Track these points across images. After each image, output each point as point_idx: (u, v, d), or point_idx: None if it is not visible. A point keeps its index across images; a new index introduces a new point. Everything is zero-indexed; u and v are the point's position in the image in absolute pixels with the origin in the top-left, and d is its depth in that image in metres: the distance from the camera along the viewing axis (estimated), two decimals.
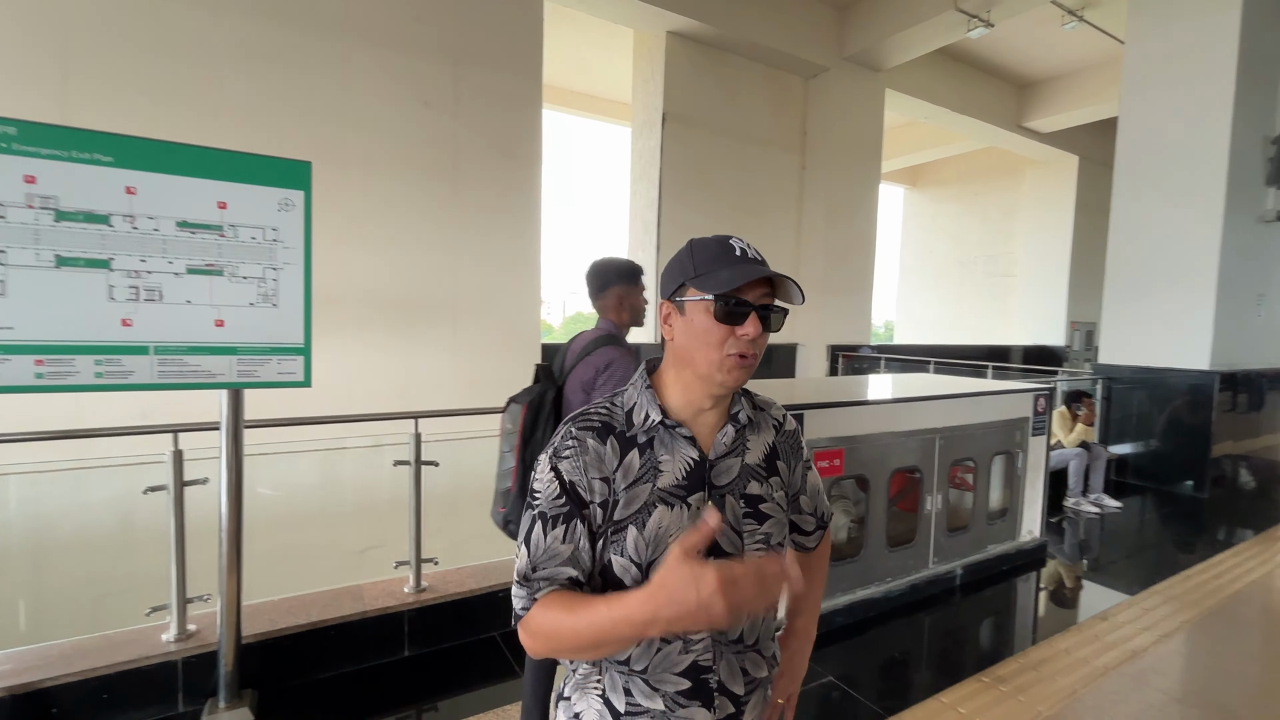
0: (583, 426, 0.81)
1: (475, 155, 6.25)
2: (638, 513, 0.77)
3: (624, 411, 0.83)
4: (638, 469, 0.79)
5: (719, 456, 0.82)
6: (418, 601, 2.43)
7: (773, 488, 0.86)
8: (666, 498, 0.78)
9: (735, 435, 0.85)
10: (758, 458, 0.86)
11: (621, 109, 10.94)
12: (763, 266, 0.79)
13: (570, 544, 0.76)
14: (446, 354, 6.23)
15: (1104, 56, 9.55)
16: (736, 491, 0.82)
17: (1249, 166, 5.08)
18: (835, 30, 8.69)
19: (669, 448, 0.81)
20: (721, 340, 0.77)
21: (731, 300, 0.76)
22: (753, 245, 0.82)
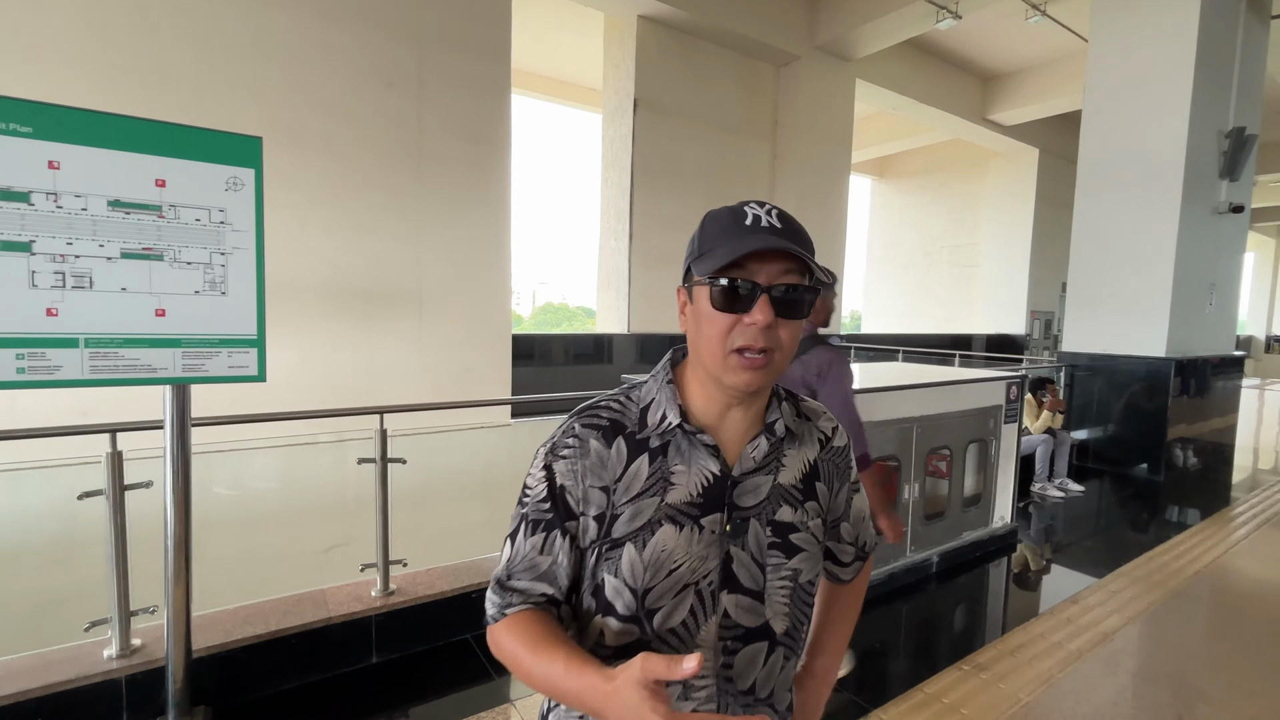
0: (588, 423, 0.69)
1: (441, 139, 6.03)
2: (639, 530, 0.65)
3: (639, 408, 0.70)
4: (645, 479, 0.67)
5: (746, 473, 0.69)
6: (385, 605, 2.31)
7: (808, 514, 0.72)
8: (675, 515, 0.66)
9: (769, 449, 0.70)
10: (793, 477, 0.72)
11: (592, 95, 10.75)
12: (774, 236, 0.62)
13: (548, 556, 0.66)
14: (413, 346, 6.03)
15: (1066, 51, 9.76)
16: (764, 516, 0.69)
17: (1205, 160, 5.23)
18: (806, 18, 8.67)
19: (685, 457, 0.68)
20: (724, 331, 0.62)
21: (730, 281, 0.61)
22: (780, 210, 0.66)
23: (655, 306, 8.36)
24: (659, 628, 0.65)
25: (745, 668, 0.69)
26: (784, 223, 0.64)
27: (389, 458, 2.39)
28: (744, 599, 0.68)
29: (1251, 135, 5.31)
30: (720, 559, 0.67)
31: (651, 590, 0.65)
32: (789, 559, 0.70)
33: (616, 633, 0.66)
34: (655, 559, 0.65)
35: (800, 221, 0.66)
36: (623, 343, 8.27)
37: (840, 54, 8.94)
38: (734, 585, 0.67)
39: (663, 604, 0.65)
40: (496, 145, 6.35)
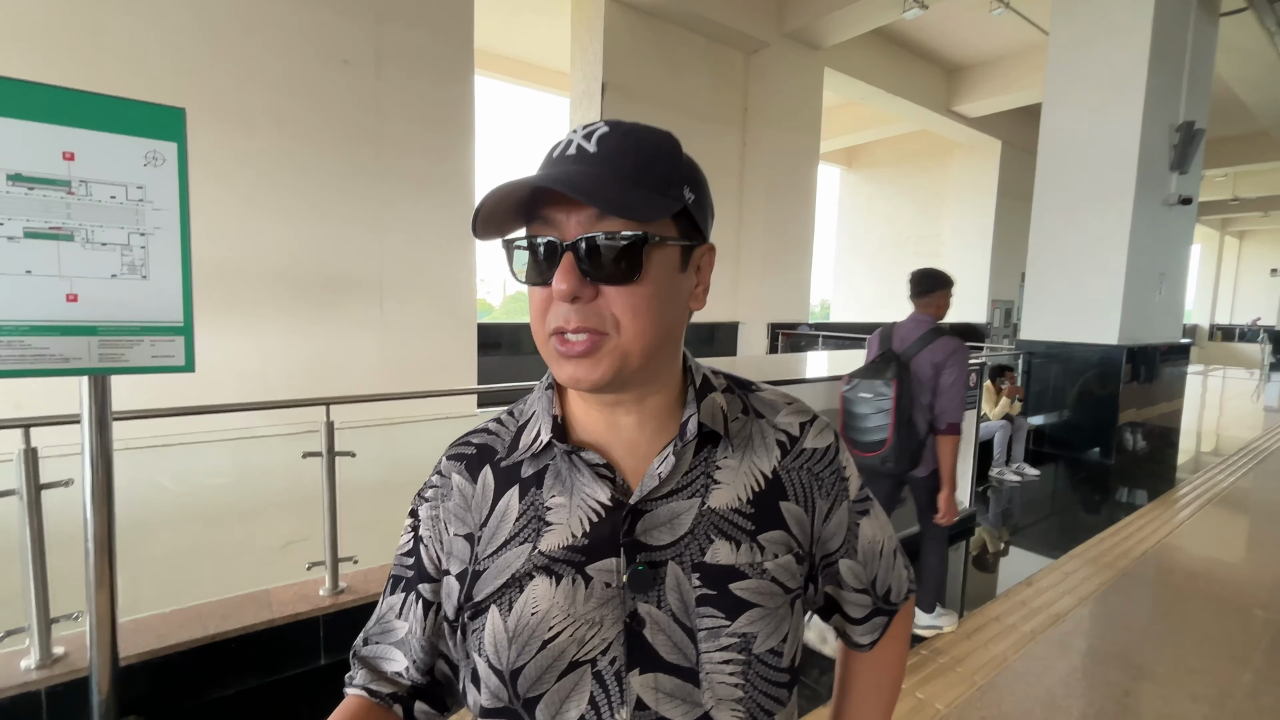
0: (453, 454, 0.55)
1: (401, 120, 5.82)
2: (504, 588, 0.49)
3: (518, 425, 0.55)
4: (514, 520, 0.50)
5: (650, 497, 0.49)
6: (335, 605, 2.22)
7: (762, 553, 0.50)
8: (550, 565, 0.48)
9: (688, 461, 0.51)
10: (735, 499, 0.51)
11: (560, 78, 10.54)
12: (572, 166, 0.44)
13: (405, 622, 0.54)
14: (373, 335, 5.85)
15: (1028, 44, 9.93)
16: (686, 559, 0.49)
17: (1156, 153, 5.38)
18: (775, 6, 8.62)
19: (566, 484, 0.50)
20: (539, 309, 0.47)
21: (516, 242, 0.47)
22: (623, 127, 0.47)
23: None
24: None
25: None
26: (604, 145, 0.45)
27: (337, 451, 2.29)
28: (667, 680, 0.47)
29: (1200, 129, 5.48)
30: (623, 623, 0.48)
31: (522, 671, 0.47)
32: (731, 619, 0.48)
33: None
34: (523, 626, 0.48)
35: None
36: None
37: (809, 42, 8.93)
38: (649, 660, 0.48)
39: (543, 690, 0.47)
40: (460, 127, 6.17)
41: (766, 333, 9.03)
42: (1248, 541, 3.70)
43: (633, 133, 0.46)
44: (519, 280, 0.48)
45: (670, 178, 0.46)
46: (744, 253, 9.22)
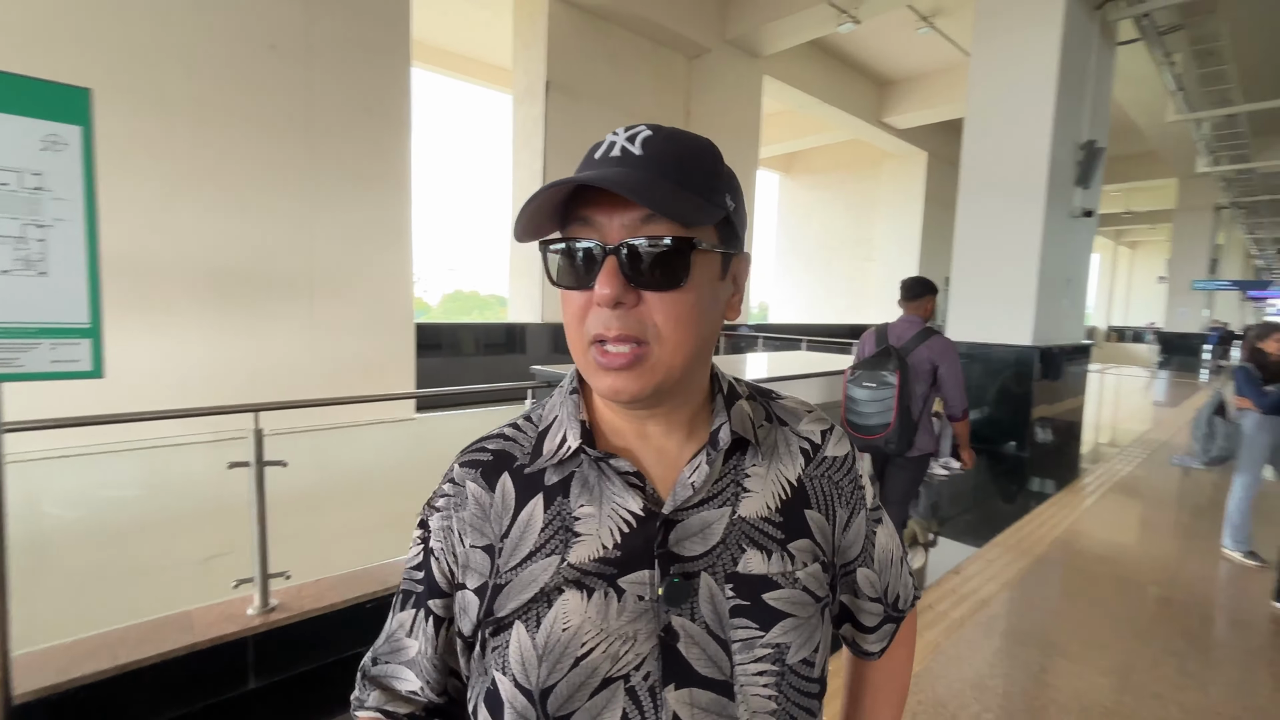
0: (467, 461, 0.52)
1: (333, 110, 5.55)
2: (531, 603, 0.46)
3: (538, 431, 0.52)
4: (539, 531, 0.48)
5: (682, 507, 0.48)
6: (265, 624, 2.09)
7: (793, 561, 0.50)
8: (581, 578, 0.47)
9: (719, 469, 0.50)
10: (763, 508, 0.50)
11: (502, 74, 10.35)
12: (621, 169, 0.43)
13: (415, 640, 0.51)
14: (303, 336, 5.55)
15: (951, 63, 10.55)
16: (719, 570, 0.48)
17: (1063, 169, 5.82)
18: (717, 12, 8.78)
19: (595, 493, 0.48)
20: (577, 316, 0.45)
21: (556, 244, 0.45)
22: (665, 131, 0.46)
23: None
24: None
25: None
26: (650, 148, 0.44)
27: (266, 460, 2.15)
28: (702, 694, 0.46)
29: (1101, 148, 5.97)
30: (657, 638, 0.46)
31: (554, 689, 0.45)
32: (765, 630, 0.48)
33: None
34: (554, 643, 0.45)
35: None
36: (536, 332, 8.09)
37: (749, 50, 9.15)
38: (684, 675, 0.46)
39: (573, 708, 0.44)
40: (396, 120, 5.94)
41: None
42: (1142, 525, 4.06)
43: (675, 137, 0.46)
44: (555, 284, 0.47)
45: (714, 184, 0.46)
46: None
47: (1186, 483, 5.12)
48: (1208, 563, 3.39)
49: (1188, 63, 7.78)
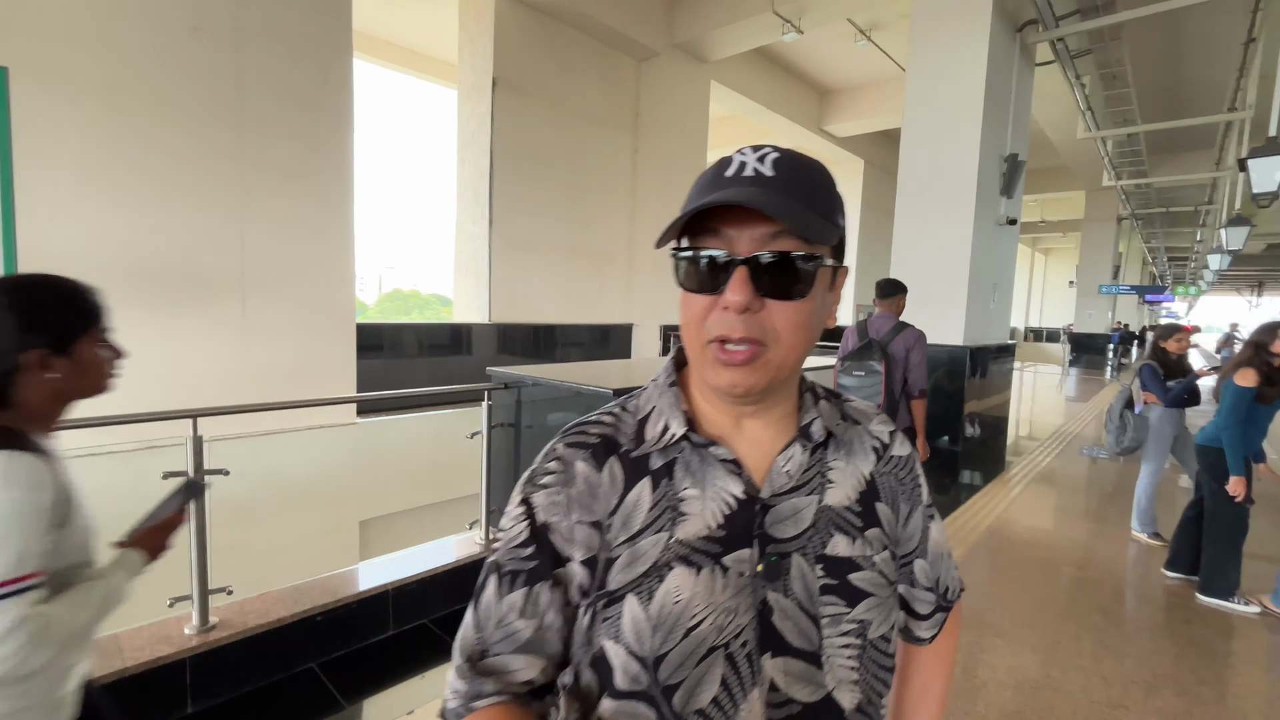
0: (573, 442, 0.55)
1: (266, 100, 5.27)
2: (643, 578, 0.50)
3: (635, 420, 0.56)
4: (648, 510, 0.52)
5: (779, 493, 0.53)
6: (204, 644, 1.97)
7: (871, 546, 0.55)
8: (689, 555, 0.50)
9: (806, 460, 0.55)
10: (846, 497, 0.56)
11: (447, 69, 10.10)
12: (753, 188, 0.47)
13: (531, 620, 0.51)
14: (234, 337, 5.23)
15: (888, 75, 11.03)
16: (810, 551, 0.52)
17: (990, 179, 6.21)
18: (666, 16, 8.87)
19: (698, 477, 0.52)
20: (699, 317, 0.50)
21: (691, 251, 0.49)
22: (789, 154, 0.51)
23: (518, 295, 8.11)
24: (682, 710, 0.48)
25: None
26: (780, 170, 0.49)
27: (207, 469, 2.02)
28: (794, 663, 0.51)
29: (1022, 161, 6.41)
30: (755, 610, 0.50)
31: (666, 657, 0.48)
32: (851, 607, 0.52)
33: (613, 711, 0.50)
34: (666, 614, 0.49)
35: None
36: (483, 333, 7.93)
37: (697, 55, 9.29)
38: (778, 645, 0.50)
39: (683, 676, 0.48)
40: (336, 113, 5.70)
41: (660, 334, 9.25)
42: (1062, 512, 4.39)
43: (799, 160, 0.51)
44: (682, 286, 0.51)
45: (833, 205, 0.51)
46: (637, 257, 9.39)
47: (1096, 471, 5.57)
48: (1119, 544, 3.70)
49: (1095, 85, 8.46)
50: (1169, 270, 25.31)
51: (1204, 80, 9.78)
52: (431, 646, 2.36)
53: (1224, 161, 10.63)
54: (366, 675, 2.17)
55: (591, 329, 8.98)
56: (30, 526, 0.84)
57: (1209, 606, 2.95)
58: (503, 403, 2.97)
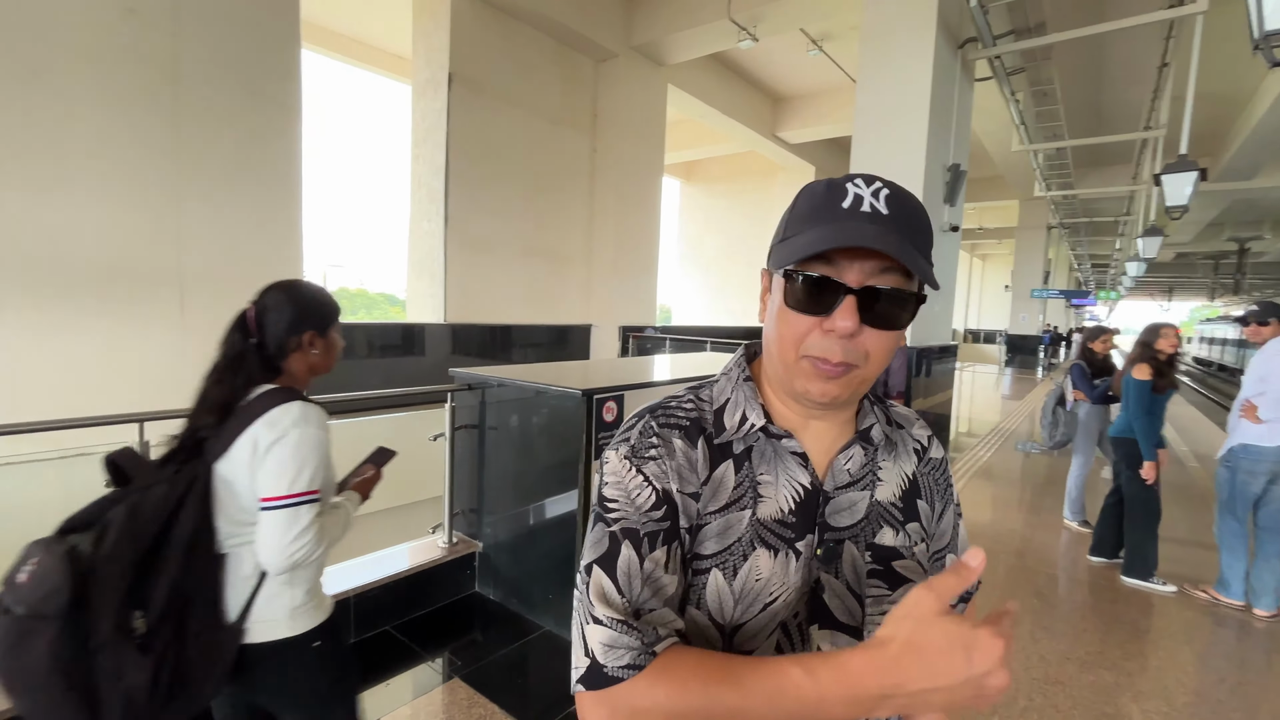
0: (666, 422, 0.58)
1: (206, 88, 5.02)
2: (728, 550, 0.55)
3: (712, 409, 0.61)
4: (732, 488, 0.57)
5: (839, 487, 0.59)
6: None
7: (911, 538, 0.61)
8: (769, 538, 0.56)
9: (864, 459, 0.61)
10: (893, 494, 0.62)
11: (399, 63, 9.85)
12: (874, 226, 0.51)
13: (674, 575, 0.53)
14: (173, 337, 4.95)
15: (838, 85, 11.41)
16: (861, 539, 0.59)
17: (934, 188, 6.52)
18: (624, 18, 8.91)
19: (771, 464, 0.58)
20: (800, 334, 0.54)
21: (804, 276, 0.52)
22: (894, 189, 0.54)
23: (474, 295, 7.98)
24: None
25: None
26: (893, 208, 0.52)
27: None
28: (839, 636, 0.57)
29: (964, 171, 6.75)
30: (809, 587, 0.57)
31: (743, 627, 0.54)
32: (892, 589, 0.59)
33: None
34: (749, 590, 0.55)
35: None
36: (438, 334, 7.76)
37: (654, 58, 9.36)
38: (826, 619, 0.57)
39: (754, 645, 0.54)
40: (283, 103, 5.48)
41: (618, 335, 9.28)
42: (1001, 504, 4.65)
43: (908, 200, 0.55)
44: (789, 306, 0.54)
45: (930, 244, 0.56)
46: (595, 257, 9.39)
47: (1029, 465, 5.92)
48: (1053, 532, 3.95)
49: (1028, 101, 8.99)
50: (1092, 276, 27.09)
51: (1124, 100, 10.55)
52: (395, 653, 2.31)
53: (1140, 176, 11.47)
54: None
55: (549, 330, 8.92)
56: (320, 456, 1.16)
57: (1131, 587, 3.19)
58: (465, 404, 2.93)
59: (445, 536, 2.87)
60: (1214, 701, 2.24)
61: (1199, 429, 8.64)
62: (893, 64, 6.31)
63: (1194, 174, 5.48)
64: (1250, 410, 2.89)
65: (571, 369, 3.36)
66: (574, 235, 9.20)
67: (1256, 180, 12.71)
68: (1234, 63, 8.51)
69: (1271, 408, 2.82)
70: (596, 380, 2.63)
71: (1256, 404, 2.87)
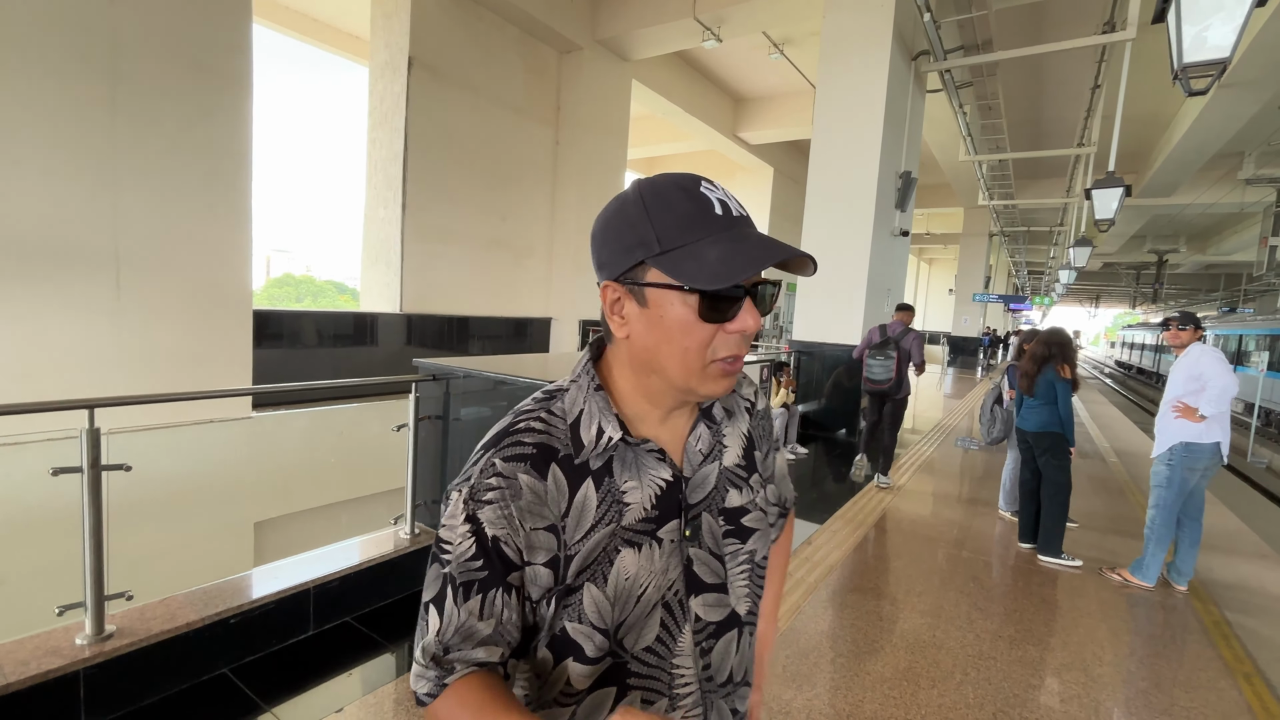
0: (511, 456, 0.56)
1: (147, 60, 4.76)
2: (595, 564, 0.57)
3: (566, 424, 0.60)
4: (595, 508, 0.58)
5: (695, 468, 0.63)
6: (100, 654, 1.81)
7: (754, 490, 0.68)
8: (630, 536, 0.58)
9: (710, 436, 0.65)
10: (735, 457, 0.67)
11: (355, 43, 9.53)
12: (771, 244, 0.53)
13: (489, 620, 0.55)
14: (104, 321, 4.69)
15: (798, 89, 11.67)
16: (714, 507, 0.64)
17: (886, 193, 6.78)
18: (589, 11, 8.87)
19: (634, 470, 0.60)
20: (705, 342, 0.54)
21: (725, 292, 0.53)
22: (725, 189, 0.57)
23: (432, 285, 7.83)
24: (633, 649, 0.59)
25: (721, 660, 0.65)
26: (743, 208, 0.57)
27: (105, 464, 1.86)
28: (710, 595, 0.63)
29: (914, 178, 7.05)
30: (682, 565, 0.61)
31: (623, 624, 0.58)
32: (744, 542, 0.66)
33: (586, 675, 0.58)
34: (621, 590, 0.58)
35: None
36: (392, 323, 7.58)
37: (619, 53, 9.37)
38: (699, 586, 0.62)
39: (634, 630, 0.59)
40: (232, 79, 5.24)
41: (578, 329, 9.27)
42: (942, 496, 4.92)
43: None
44: (702, 319, 0.54)
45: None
46: (557, 251, 9.35)
47: (968, 460, 6.26)
48: (988, 522, 4.22)
49: (974, 114, 9.44)
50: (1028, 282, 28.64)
51: (1060, 118, 11.20)
52: (357, 643, 2.30)
53: (1073, 189, 12.21)
54: (288, 676, 2.08)
55: (508, 322, 8.84)
56: None
57: (1049, 566, 3.46)
58: (428, 394, 2.91)
59: (408, 527, 2.86)
60: (1126, 672, 2.46)
61: (1118, 426, 9.31)
62: (850, 72, 6.52)
63: (1120, 190, 5.89)
64: (1189, 411, 3.13)
65: (542, 361, 3.37)
66: (535, 227, 9.13)
67: (1175, 197, 13.72)
68: (1158, 87, 9.17)
69: (1211, 406, 3.06)
70: (558, 372, 2.66)
71: (1193, 404, 3.13)
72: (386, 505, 3.50)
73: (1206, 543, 3.99)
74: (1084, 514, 4.37)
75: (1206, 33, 2.49)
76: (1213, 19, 2.47)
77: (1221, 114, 8.72)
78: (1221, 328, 18.66)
